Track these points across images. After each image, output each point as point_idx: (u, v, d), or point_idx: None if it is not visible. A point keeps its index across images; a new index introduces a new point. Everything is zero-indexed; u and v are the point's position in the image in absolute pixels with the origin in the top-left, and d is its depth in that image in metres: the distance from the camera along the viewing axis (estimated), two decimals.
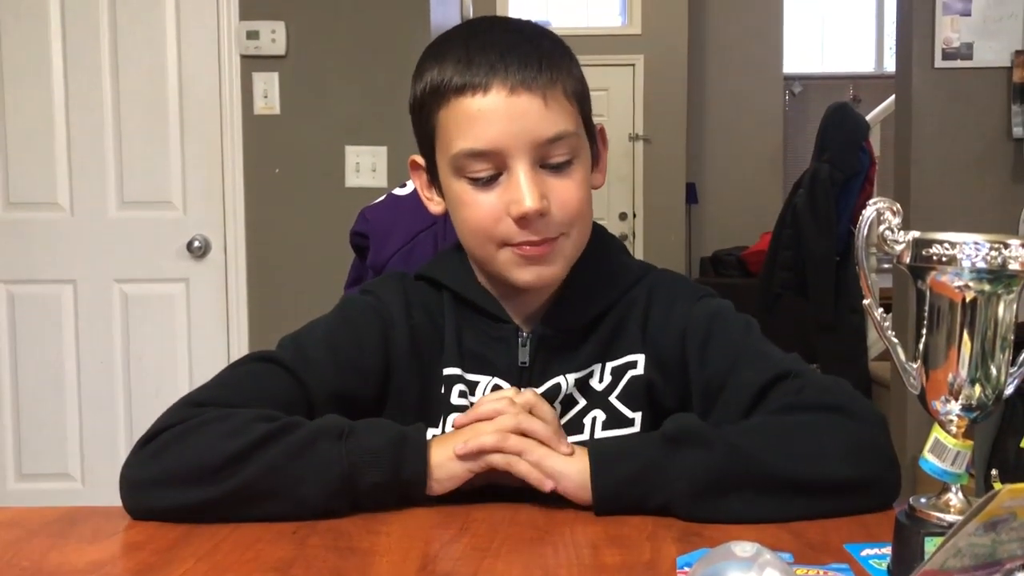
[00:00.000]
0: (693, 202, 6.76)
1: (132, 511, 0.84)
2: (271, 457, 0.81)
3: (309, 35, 2.90)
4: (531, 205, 0.88)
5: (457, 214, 0.95)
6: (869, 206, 0.70)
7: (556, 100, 0.90)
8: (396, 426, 0.85)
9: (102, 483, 2.89)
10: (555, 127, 0.90)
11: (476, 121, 0.89)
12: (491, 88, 0.88)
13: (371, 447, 0.82)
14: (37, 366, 2.95)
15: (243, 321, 2.96)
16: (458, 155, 0.90)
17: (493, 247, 0.92)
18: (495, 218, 0.91)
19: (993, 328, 0.67)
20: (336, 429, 0.83)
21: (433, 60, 0.93)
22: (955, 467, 0.67)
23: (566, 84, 0.92)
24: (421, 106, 0.95)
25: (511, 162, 0.89)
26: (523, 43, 0.91)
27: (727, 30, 6.89)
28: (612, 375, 0.97)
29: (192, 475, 0.82)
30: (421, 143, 0.98)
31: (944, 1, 2.83)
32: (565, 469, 0.82)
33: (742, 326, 0.98)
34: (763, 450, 0.81)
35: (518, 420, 0.84)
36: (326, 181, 2.91)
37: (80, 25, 2.88)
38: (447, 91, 0.90)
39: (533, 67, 0.89)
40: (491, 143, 0.89)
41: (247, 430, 0.82)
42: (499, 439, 0.83)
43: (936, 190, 2.90)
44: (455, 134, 0.91)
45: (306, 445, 0.82)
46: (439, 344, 0.98)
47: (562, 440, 0.84)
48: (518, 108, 0.88)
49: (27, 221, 2.92)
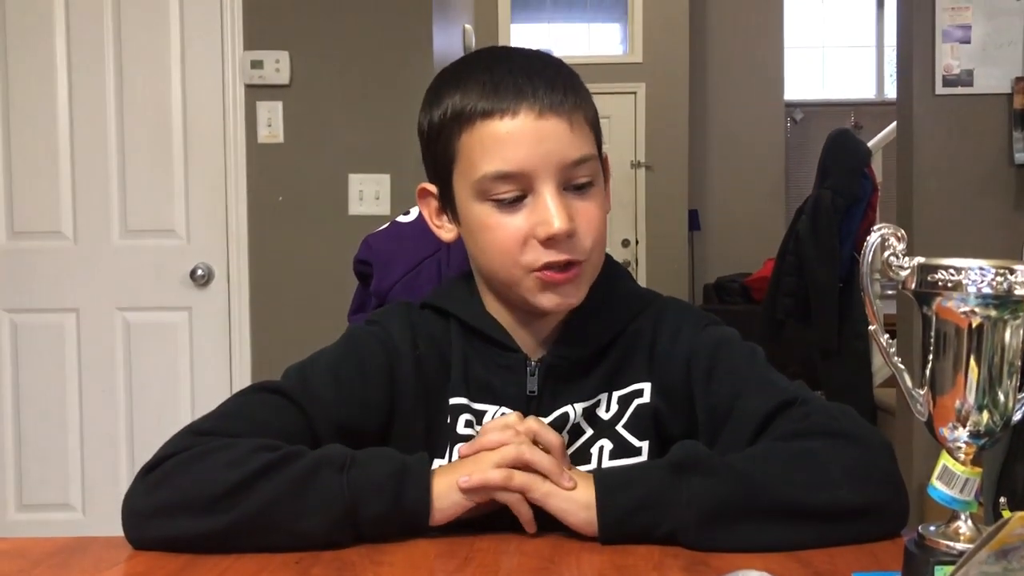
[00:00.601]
0: (695, 229, 6.77)
1: (133, 541, 0.84)
2: (272, 489, 0.80)
3: (313, 65, 2.92)
4: (560, 226, 0.88)
5: (480, 238, 0.94)
6: (873, 232, 0.69)
7: (579, 125, 0.92)
8: (398, 456, 0.85)
9: (103, 514, 2.88)
10: (579, 150, 0.91)
11: (504, 144, 0.90)
12: (519, 111, 0.89)
13: (373, 478, 0.81)
14: (39, 395, 2.94)
15: (246, 350, 2.95)
16: (484, 178, 0.91)
17: (519, 272, 0.92)
18: (521, 240, 0.91)
19: (1000, 354, 0.66)
20: (338, 460, 0.82)
21: (453, 86, 0.94)
22: (964, 495, 0.67)
23: (586, 111, 0.94)
24: (439, 131, 0.95)
25: (537, 184, 0.90)
26: (546, 68, 0.93)
27: (728, 58, 6.94)
28: (619, 404, 0.97)
29: (193, 505, 0.81)
30: (435, 169, 0.98)
31: (944, 28, 2.85)
32: (569, 505, 0.81)
33: (747, 354, 0.97)
34: (770, 477, 0.81)
35: (521, 451, 0.83)
36: (329, 209, 2.91)
37: (85, 55, 2.90)
38: (472, 115, 0.91)
39: (559, 91, 0.91)
40: (519, 165, 0.89)
41: (248, 460, 0.82)
42: (503, 477, 0.82)
43: (938, 216, 2.90)
44: (480, 157, 0.91)
45: (308, 477, 0.81)
46: (445, 374, 0.98)
47: (565, 473, 0.83)
48: (545, 131, 0.90)
49: (31, 250, 2.93)
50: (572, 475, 0.83)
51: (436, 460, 0.95)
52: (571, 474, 0.83)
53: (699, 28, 6.89)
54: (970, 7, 2.84)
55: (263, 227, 2.95)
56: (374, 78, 2.90)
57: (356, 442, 0.88)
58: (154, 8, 2.90)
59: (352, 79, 2.91)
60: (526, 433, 0.85)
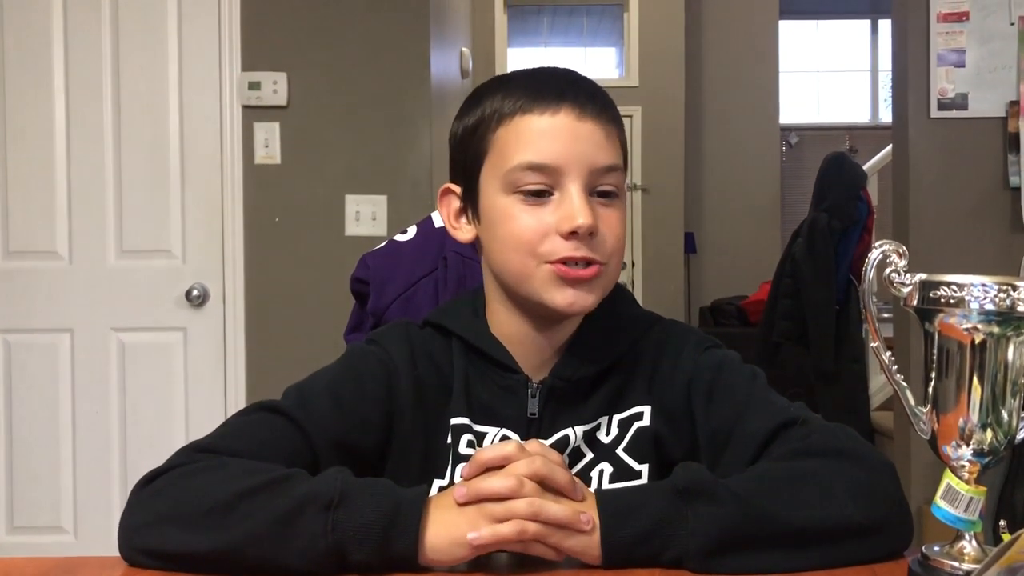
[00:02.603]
0: (692, 251, 6.78)
1: (123, 553, 0.83)
2: (254, 525, 0.78)
3: (310, 86, 2.93)
4: (584, 221, 0.90)
5: (500, 229, 0.94)
6: (875, 248, 0.69)
7: (613, 138, 0.95)
8: (392, 495, 0.80)
9: (95, 537, 2.85)
10: (611, 158, 0.94)
11: (542, 136, 0.92)
12: (560, 110, 0.92)
13: (359, 523, 0.77)
14: (32, 416, 2.92)
15: (241, 371, 2.94)
16: (515, 167, 0.92)
17: (533, 262, 0.92)
18: (542, 232, 0.91)
19: (1003, 372, 0.66)
20: (325, 496, 0.78)
21: (495, 90, 0.96)
22: (968, 514, 0.66)
23: (620, 132, 0.97)
24: (475, 129, 0.96)
25: (566, 181, 0.91)
26: (589, 82, 0.98)
27: (723, 82, 6.98)
28: (619, 427, 0.96)
29: (182, 518, 0.80)
30: (464, 167, 0.98)
31: (939, 52, 2.87)
32: (582, 547, 0.78)
33: (748, 376, 0.97)
34: (774, 501, 0.80)
35: (533, 509, 0.78)
36: (326, 230, 2.91)
37: (82, 75, 2.91)
38: (513, 111, 0.94)
39: (600, 101, 0.95)
40: (553, 158, 0.91)
41: (240, 479, 0.81)
42: (518, 532, 0.77)
43: (934, 239, 2.90)
44: (515, 148, 0.93)
45: (292, 513, 0.78)
46: (446, 394, 0.97)
47: (580, 516, 0.78)
48: (583, 131, 0.92)
49: (25, 270, 2.92)
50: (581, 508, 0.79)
51: (436, 481, 0.94)
52: (581, 508, 0.79)
53: (695, 52, 6.94)
54: (964, 31, 2.86)
55: (259, 248, 2.94)
56: (371, 100, 2.91)
57: (355, 461, 0.87)
58: (152, 29, 2.91)
59: (349, 101, 2.92)
60: (533, 477, 0.80)
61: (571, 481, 0.81)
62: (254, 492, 0.80)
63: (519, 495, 0.78)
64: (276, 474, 0.82)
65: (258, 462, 0.84)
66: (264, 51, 2.92)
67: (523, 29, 7.23)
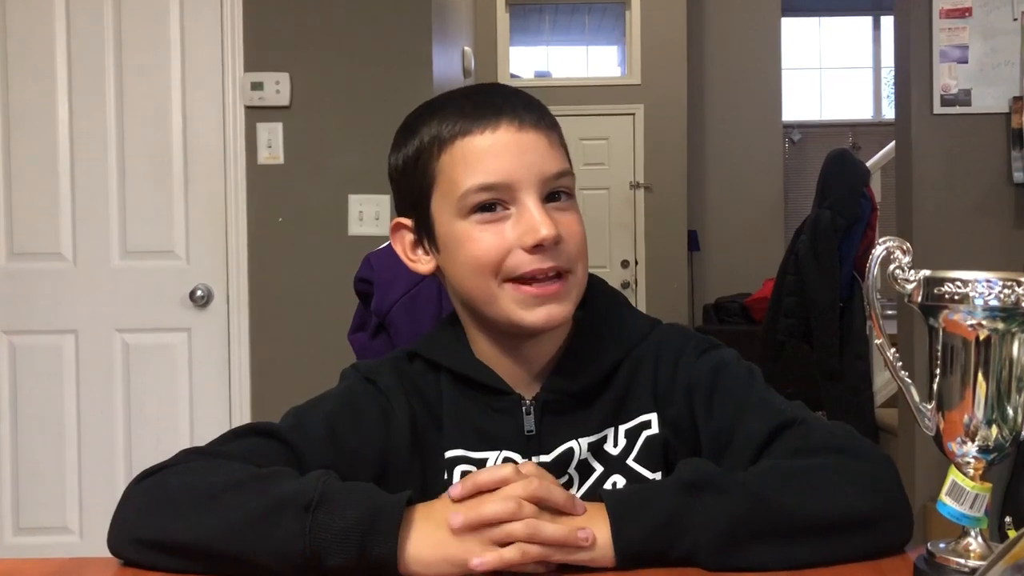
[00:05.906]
0: (695, 249, 6.77)
1: (111, 545, 0.84)
2: (236, 516, 0.78)
3: (313, 86, 2.93)
4: (547, 232, 0.89)
5: (459, 254, 0.93)
6: (879, 244, 0.69)
7: (556, 143, 0.95)
8: (372, 499, 0.79)
9: (100, 537, 2.83)
10: (559, 163, 0.93)
11: (486, 156, 0.91)
12: (499, 126, 0.91)
13: (337, 526, 0.77)
14: (37, 417, 2.93)
15: (245, 371, 2.94)
16: (467, 192, 0.90)
17: (495, 283, 0.91)
18: (505, 249, 0.90)
19: (1008, 368, 0.66)
20: (305, 497, 0.78)
21: (429, 116, 0.95)
22: (974, 510, 0.66)
23: (560, 136, 0.97)
24: (415, 160, 0.95)
25: (521, 195, 0.91)
26: (522, 94, 0.97)
27: (726, 79, 6.97)
28: (627, 437, 0.95)
29: (167, 509, 0.81)
30: (412, 200, 0.96)
31: (942, 48, 2.86)
32: (590, 557, 0.78)
33: (745, 377, 0.97)
34: (782, 494, 0.80)
35: (530, 531, 0.77)
36: (329, 230, 2.91)
37: (85, 76, 2.91)
38: (452, 136, 0.92)
39: (536, 111, 0.95)
40: (503, 176, 0.90)
41: (226, 474, 0.82)
42: (520, 555, 0.77)
43: (938, 236, 2.89)
44: (462, 173, 0.91)
45: (271, 511, 0.78)
46: (438, 429, 0.96)
47: (579, 533, 0.78)
48: (526, 142, 0.92)
49: (30, 271, 2.92)
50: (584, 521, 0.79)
51: None
52: (583, 522, 0.79)
53: (697, 49, 6.92)
54: (967, 27, 2.86)
55: (263, 248, 2.94)
56: (374, 100, 2.91)
57: None
58: (155, 30, 2.92)
59: (352, 101, 2.92)
60: (530, 498, 0.79)
61: (569, 498, 0.81)
62: (240, 485, 0.81)
63: (518, 518, 0.77)
64: (264, 470, 0.82)
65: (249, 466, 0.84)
66: (267, 51, 2.93)
67: (524, 28, 7.22)
